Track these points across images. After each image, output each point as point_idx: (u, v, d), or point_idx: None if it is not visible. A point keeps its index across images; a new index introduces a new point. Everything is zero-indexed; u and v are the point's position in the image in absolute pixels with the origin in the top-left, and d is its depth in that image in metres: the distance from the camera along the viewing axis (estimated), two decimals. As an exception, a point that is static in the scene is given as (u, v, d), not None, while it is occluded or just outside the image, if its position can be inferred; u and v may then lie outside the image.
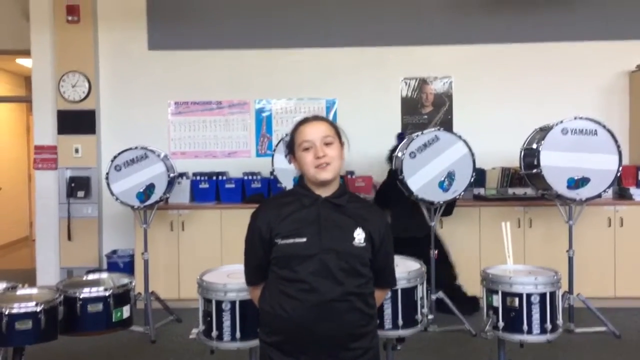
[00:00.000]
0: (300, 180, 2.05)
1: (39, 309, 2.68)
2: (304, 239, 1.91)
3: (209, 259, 4.76)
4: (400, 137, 5.18)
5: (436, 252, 4.57)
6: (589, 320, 4.44)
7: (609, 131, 4.23)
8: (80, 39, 5.66)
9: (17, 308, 2.66)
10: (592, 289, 4.73)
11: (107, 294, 2.93)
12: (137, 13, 5.77)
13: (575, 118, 4.26)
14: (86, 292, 2.90)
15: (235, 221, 4.88)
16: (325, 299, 1.89)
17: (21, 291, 2.94)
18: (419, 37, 5.68)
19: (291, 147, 2.03)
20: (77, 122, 5.65)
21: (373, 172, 5.49)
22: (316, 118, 2.04)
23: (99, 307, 2.88)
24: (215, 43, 5.74)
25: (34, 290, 2.96)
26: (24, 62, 7.38)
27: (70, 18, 5.56)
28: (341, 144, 2.02)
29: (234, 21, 5.73)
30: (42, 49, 5.67)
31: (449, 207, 4.71)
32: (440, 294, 4.56)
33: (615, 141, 4.21)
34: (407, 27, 5.69)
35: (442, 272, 4.66)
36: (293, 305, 1.91)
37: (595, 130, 4.23)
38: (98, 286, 3.00)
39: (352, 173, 5.44)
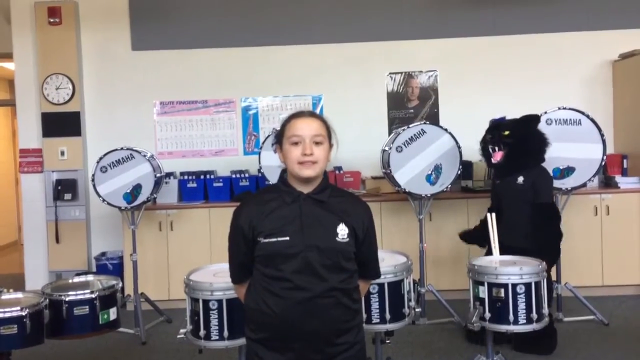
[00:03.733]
0: (283, 176, 2.05)
1: (24, 313, 2.67)
2: (287, 238, 1.91)
3: (199, 258, 4.72)
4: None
5: (425, 245, 4.60)
6: (577, 309, 4.48)
7: (593, 120, 4.26)
8: (62, 41, 5.60)
9: (2, 313, 2.65)
10: (580, 278, 4.77)
11: (93, 296, 2.92)
12: (119, 13, 5.72)
13: (559, 108, 4.29)
14: (72, 295, 2.89)
15: (225, 220, 4.74)
16: (309, 296, 1.89)
17: (6, 296, 2.93)
18: (404, 32, 5.68)
19: (279, 138, 2.02)
20: (62, 124, 5.60)
21: (361, 167, 5.50)
22: (311, 114, 2.01)
23: (85, 309, 2.87)
24: (199, 42, 5.71)
25: (19, 295, 2.95)
26: (7, 65, 7.30)
27: (52, 20, 5.50)
28: (330, 145, 2.01)
29: (218, 20, 5.70)
30: (25, 52, 5.63)
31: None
32: (430, 287, 4.59)
33: (599, 130, 4.25)
34: (391, 22, 5.69)
35: None
36: (277, 303, 1.91)
37: (579, 120, 4.26)
38: (84, 289, 2.98)
39: (340, 168, 5.44)
